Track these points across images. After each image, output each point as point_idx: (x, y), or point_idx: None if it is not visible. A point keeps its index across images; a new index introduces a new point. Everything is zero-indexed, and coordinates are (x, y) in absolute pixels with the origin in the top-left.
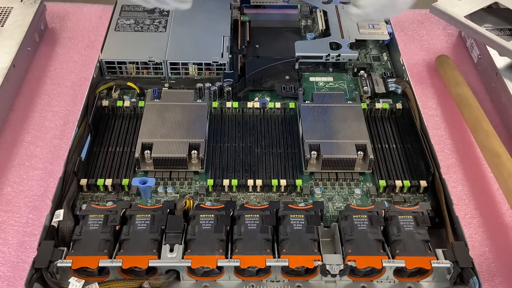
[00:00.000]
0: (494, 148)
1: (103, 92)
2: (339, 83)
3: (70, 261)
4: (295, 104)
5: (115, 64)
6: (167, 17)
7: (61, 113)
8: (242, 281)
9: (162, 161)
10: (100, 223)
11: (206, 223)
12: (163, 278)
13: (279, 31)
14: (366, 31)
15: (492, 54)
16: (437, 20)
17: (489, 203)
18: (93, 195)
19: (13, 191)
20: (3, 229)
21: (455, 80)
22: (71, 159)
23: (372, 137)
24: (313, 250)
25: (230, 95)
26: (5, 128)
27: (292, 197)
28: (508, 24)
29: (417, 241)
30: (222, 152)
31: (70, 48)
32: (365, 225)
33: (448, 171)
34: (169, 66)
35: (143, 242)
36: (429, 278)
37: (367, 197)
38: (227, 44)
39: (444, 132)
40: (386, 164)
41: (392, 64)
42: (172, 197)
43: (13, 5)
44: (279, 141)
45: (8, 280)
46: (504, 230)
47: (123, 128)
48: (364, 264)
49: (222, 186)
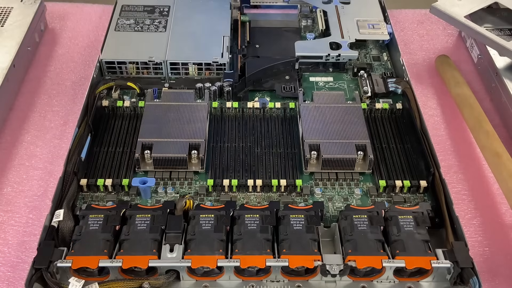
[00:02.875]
0: (494, 148)
1: (103, 92)
2: (339, 83)
3: (70, 261)
4: (295, 104)
5: (115, 64)
6: (167, 17)
7: (61, 113)
8: (242, 281)
9: (162, 161)
10: (100, 223)
11: (206, 223)
12: (163, 278)
13: (279, 31)
14: (366, 31)
15: (492, 54)
16: (437, 20)
17: (489, 203)
18: (93, 195)
19: (13, 191)
20: (3, 229)
21: (455, 80)
22: (71, 159)
23: (372, 137)
24: (313, 250)
25: (230, 95)
26: (5, 128)
27: (292, 197)
28: (508, 24)
29: (417, 241)
30: (222, 152)
31: (70, 48)
32: (365, 225)
33: (448, 171)
34: (169, 66)
35: (143, 242)
36: (429, 278)
37: (367, 197)
38: (227, 44)
39: (444, 132)
40: (386, 164)
41: (392, 64)
42: (172, 197)
43: (13, 5)
44: (279, 141)
45: (8, 280)
46: (504, 230)
47: (123, 128)
48: (364, 264)
49: (222, 186)
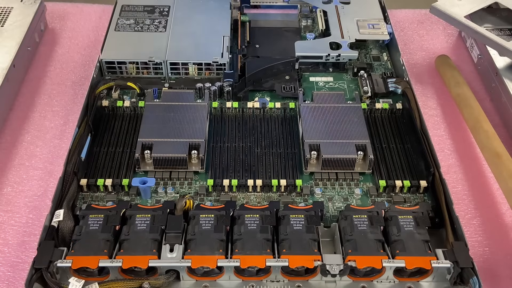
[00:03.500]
0: (494, 148)
1: (103, 92)
2: (339, 83)
3: (70, 261)
4: (295, 104)
5: (115, 64)
6: (167, 17)
7: (61, 113)
8: (242, 281)
9: (162, 161)
10: (100, 223)
11: (206, 223)
12: (163, 278)
13: (279, 31)
14: (366, 31)
15: (492, 54)
16: (437, 20)
17: (489, 203)
18: (93, 195)
19: (13, 191)
20: (3, 229)
21: (455, 80)
22: (71, 159)
23: (372, 137)
24: (313, 250)
25: (230, 95)
26: (5, 128)
27: (292, 197)
28: (508, 24)
29: (417, 241)
30: (222, 152)
31: (70, 48)
32: (365, 225)
33: (448, 171)
34: (169, 66)
35: (143, 242)
36: (429, 278)
37: (367, 197)
38: (227, 44)
39: (444, 132)
40: (386, 164)
41: (392, 64)
42: (172, 197)
43: (13, 5)
44: (279, 141)
45: (8, 280)
46: (504, 230)
47: (123, 128)
48: (364, 264)
49: (222, 186)
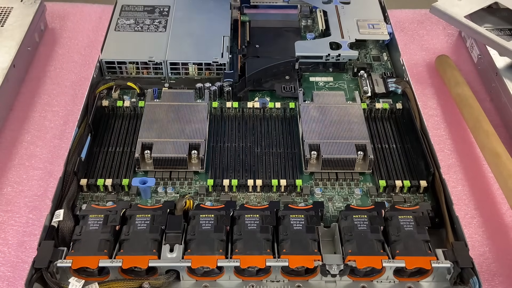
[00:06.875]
0: (494, 148)
1: (103, 92)
2: (339, 83)
3: (70, 261)
4: (295, 104)
5: (115, 64)
6: (167, 17)
7: (61, 113)
8: (242, 281)
9: (162, 161)
10: (100, 223)
11: (206, 223)
12: (163, 278)
13: (279, 31)
14: (366, 31)
15: (492, 54)
16: (437, 20)
17: (489, 203)
18: (93, 195)
19: (13, 191)
20: (3, 229)
21: (455, 80)
22: (71, 159)
23: (372, 137)
24: (313, 250)
25: (230, 95)
26: (5, 128)
27: (292, 197)
28: (508, 24)
29: (417, 241)
30: (222, 152)
31: (70, 48)
32: (365, 225)
33: (448, 171)
34: (169, 66)
35: (143, 242)
36: (429, 278)
37: (367, 197)
38: (227, 44)
39: (444, 132)
40: (386, 164)
41: (392, 64)
42: (172, 197)
43: (13, 5)
44: (279, 141)
45: (8, 280)
46: (504, 230)
47: (123, 128)
48: (364, 264)
49: (222, 186)
